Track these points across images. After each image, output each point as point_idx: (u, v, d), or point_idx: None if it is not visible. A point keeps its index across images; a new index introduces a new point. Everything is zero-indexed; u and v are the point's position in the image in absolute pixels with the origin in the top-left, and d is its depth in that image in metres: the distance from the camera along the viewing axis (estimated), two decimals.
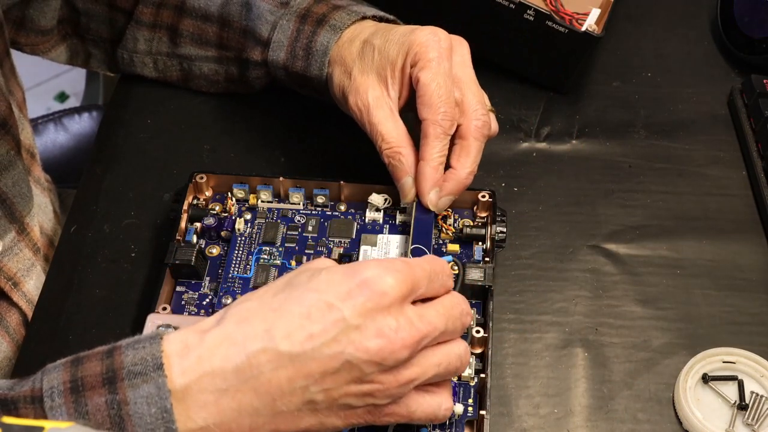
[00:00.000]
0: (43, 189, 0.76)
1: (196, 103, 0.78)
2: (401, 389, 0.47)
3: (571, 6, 0.74)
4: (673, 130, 0.77)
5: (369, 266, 0.46)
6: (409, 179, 0.61)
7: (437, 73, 0.59)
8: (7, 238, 0.67)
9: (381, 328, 0.45)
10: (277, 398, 0.45)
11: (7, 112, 0.65)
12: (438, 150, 0.60)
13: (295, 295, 0.46)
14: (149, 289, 0.64)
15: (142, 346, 0.45)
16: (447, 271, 0.50)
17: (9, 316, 0.67)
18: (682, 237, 0.69)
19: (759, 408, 0.58)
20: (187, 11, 0.74)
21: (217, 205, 0.66)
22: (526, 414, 0.59)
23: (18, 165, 0.66)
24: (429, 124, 0.59)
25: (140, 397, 0.44)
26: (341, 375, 0.45)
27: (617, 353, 0.62)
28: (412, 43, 0.60)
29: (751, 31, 0.80)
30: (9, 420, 0.36)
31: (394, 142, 0.60)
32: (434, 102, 0.59)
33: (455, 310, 0.49)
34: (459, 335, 0.50)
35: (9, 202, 0.66)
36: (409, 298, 0.47)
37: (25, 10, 0.73)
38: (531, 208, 0.71)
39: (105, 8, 0.76)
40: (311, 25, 0.67)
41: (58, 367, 0.46)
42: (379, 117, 0.61)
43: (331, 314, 0.45)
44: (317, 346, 0.44)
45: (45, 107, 1.83)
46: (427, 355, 0.47)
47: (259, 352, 0.44)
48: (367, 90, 0.62)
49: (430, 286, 0.48)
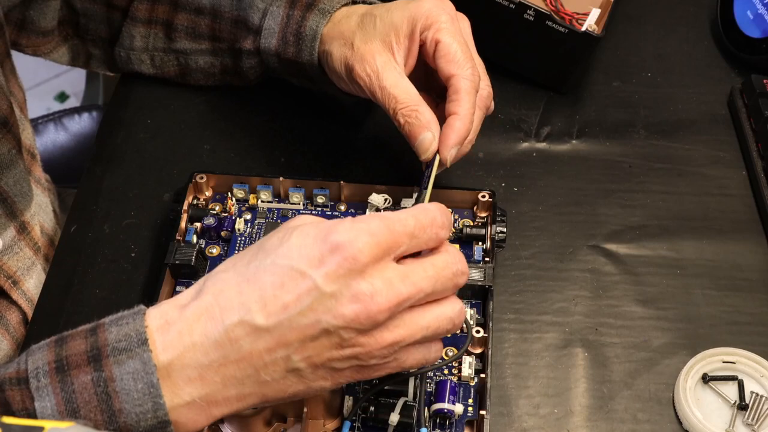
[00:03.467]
0: (44, 189, 0.76)
1: (196, 103, 0.78)
2: (386, 350, 0.46)
3: (571, 6, 0.74)
4: (673, 130, 0.77)
5: (340, 229, 0.45)
6: (428, 134, 0.59)
7: (455, 32, 0.60)
8: (7, 237, 0.67)
9: (356, 294, 0.44)
10: (260, 369, 0.45)
11: (8, 111, 0.65)
12: (469, 106, 0.59)
13: (268, 262, 0.45)
14: (149, 289, 0.64)
15: (126, 322, 0.46)
16: (439, 222, 0.47)
17: (9, 314, 0.67)
18: (682, 237, 0.69)
19: (759, 408, 0.58)
20: (181, 5, 0.74)
21: (217, 205, 0.66)
22: (526, 414, 0.59)
23: (19, 164, 0.66)
24: (459, 79, 0.59)
25: (126, 373, 0.44)
26: (320, 342, 0.44)
27: (617, 353, 0.62)
28: (418, 10, 0.60)
29: (751, 31, 0.80)
30: (9, 420, 0.36)
31: (409, 101, 0.59)
32: (459, 58, 0.59)
33: (447, 270, 0.47)
34: (451, 294, 0.48)
35: (10, 200, 0.66)
36: (386, 257, 0.45)
37: (25, 11, 0.73)
38: (531, 208, 0.71)
39: (102, 7, 0.76)
40: (300, 10, 0.67)
41: (42, 348, 0.46)
42: (390, 80, 0.60)
43: (304, 282, 0.44)
44: (293, 316, 0.44)
45: (45, 107, 1.82)
46: (414, 317, 0.46)
47: (235, 325, 0.44)
48: (374, 55, 0.61)
49: (413, 242, 0.46)
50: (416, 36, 0.60)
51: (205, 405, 0.45)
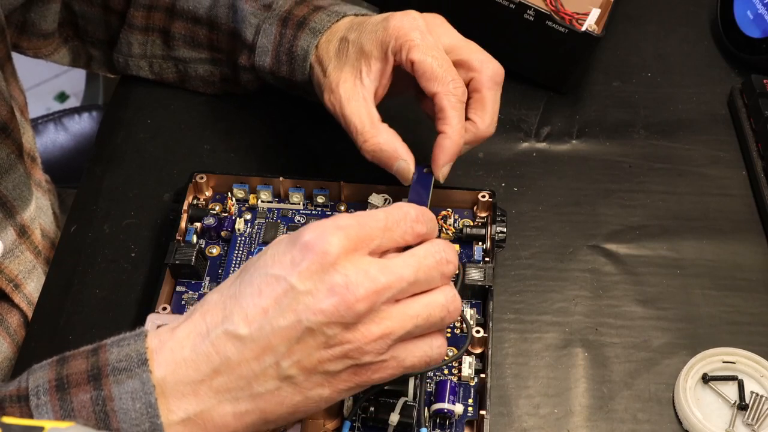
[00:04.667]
0: (44, 191, 0.76)
1: (195, 103, 0.78)
2: (377, 345, 0.45)
3: (571, 6, 0.74)
4: (673, 130, 0.77)
5: (308, 229, 0.45)
6: (401, 162, 0.59)
7: (428, 47, 0.58)
8: (7, 240, 0.67)
9: (331, 287, 0.43)
10: (252, 380, 0.45)
11: (8, 117, 0.65)
12: (457, 121, 0.58)
13: (246, 277, 0.46)
14: (149, 289, 0.64)
15: (127, 343, 0.46)
16: (413, 216, 0.47)
17: (10, 317, 0.67)
18: (682, 237, 0.69)
19: (759, 408, 0.58)
20: (177, 13, 0.74)
21: (217, 205, 0.66)
22: (526, 414, 0.59)
23: (19, 168, 0.66)
24: (442, 96, 0.58)
25: (125, 392, 0.44)
26: (306, 343, 0.44)
27: (617, 353, 0.62)
28: (387, 30, 0.59)
29: (751, 31, 0.80)
30: (9, 420, 0.36)
31: (368, 133, 0.59)
32: (438, 74, 0.58)
33: (429, 258, 0.46)
34: (440, 284, 0.47)
35: (9, 204, 0.66)
36: (359, 250, 0.45)
37: (26, 14, 0.73)
38: (531, 208, 0.71)
39: (99, 10, 0.76)
40: (292, 29, 0.66)
41: (44, 367, 0.46)
42: (351, 108, 0.59)
43: (279, 285, 0.44)
44: (273, 319, 0.44)
45: (45, 107, 1.83)
46: (401, 307, 0.46)
47: (220, 337, 0.45)
48: (339, 84, 0.60)
49: (387, 234, 0.46)
50: (389, 57, 0.59)
51: (202, 423, 0.45)
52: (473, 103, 0.60)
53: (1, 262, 0.67)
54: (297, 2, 0.68)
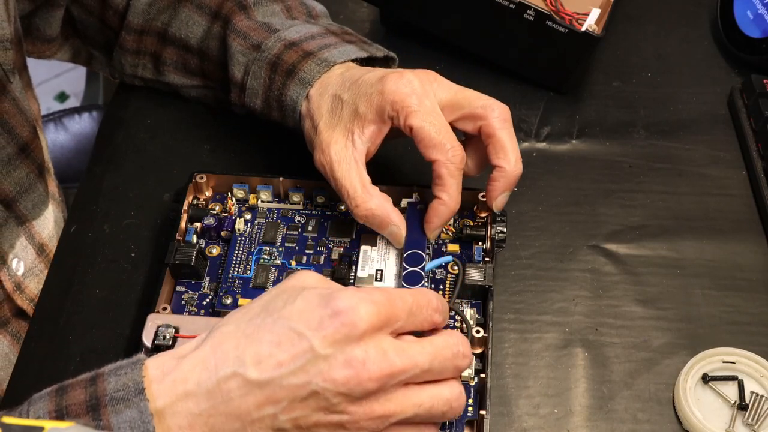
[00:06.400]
0: (57, 204, 0.76)
1: (196, 104, 0.78)
2: (374, 423, 0.46)
3: (571, 6, 0.74)
4: (673, 130, 0.77)
5: (344, 296, 0.45)
6: (392, 227, 0.60)
7: (425, 113, 0.58)
8: (28, 260, 0.67)
9: (349, 359, 0.44)
10: (247, 424, 0.45)
11: (30, 137, 0.64)
12: (454, 189, 0.59)
13: (269, 321, 0.46)
14: (149, 289, 0.64)
15: (124, 372, 0.46)
16: (434, 305, 0.49)
17: (11, 317, 0.67)
18: (682, 237, 0.69)
19: (759, 408, 0.58)
20: (169, 40, 0.73)
21: (217, 205, 0.66)
22: (526, 414, 0.59)
23: (38, 188, 0.67)
24: (441, 165, 0.58)
25: (123, 422, 0.44)
26: (309, 404, 0.45)
27: (617, 353, 0.62)
28: (383, 94, 0.58)
29: (751, 31, 0.80)
30: (9, 420, 0.36)
31: (360, 198, 0.59)
32: (437, 141, 0.57)
33: (447, 350, 0.47)
34: (451, 376, 0.49)
35: (29, 224, 0.67)
36: (384, 329, 0.46)
37: (31, 19, 0.74)
38: (531, 208, 0.71)
39: (97, 21, 0.76)
40: (281, 76, 0.65)
41: (43, 397, 0.47)
42: (341, 172, 0.59)
43: (300, 343, 0.44)
44: (285, 374, 0.44)
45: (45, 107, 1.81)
46: (408, 393, 0.46)
47: (229, 377, 0.45)
48: (330, 145, 0.60)
49: (410, 319, 0.47)
50: (385, 119, 0.58)
51: None
52: (492, 148, 0.59)
53: (22, 282, 0.67)
54: (286, 46, 0.66)
